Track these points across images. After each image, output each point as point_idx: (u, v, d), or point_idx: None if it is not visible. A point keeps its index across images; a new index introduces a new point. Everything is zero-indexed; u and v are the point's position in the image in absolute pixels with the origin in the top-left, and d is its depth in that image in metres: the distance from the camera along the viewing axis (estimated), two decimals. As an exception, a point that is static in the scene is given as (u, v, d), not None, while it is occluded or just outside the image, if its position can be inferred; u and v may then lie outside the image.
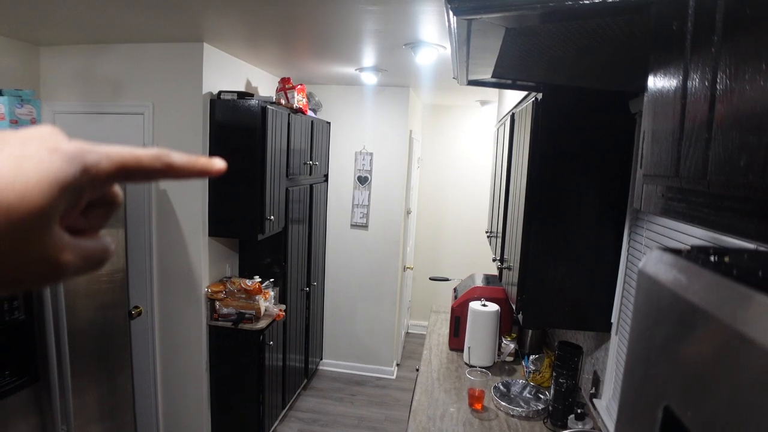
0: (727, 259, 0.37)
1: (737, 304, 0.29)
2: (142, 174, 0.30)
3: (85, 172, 0.27)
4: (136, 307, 3.00)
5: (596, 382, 2.11)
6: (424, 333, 3.23)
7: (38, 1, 2.20)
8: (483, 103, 5.05)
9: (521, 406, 2.17)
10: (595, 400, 2.07)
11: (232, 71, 3.32)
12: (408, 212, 4.84)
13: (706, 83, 0.51)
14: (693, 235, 1.34)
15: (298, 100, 3.57)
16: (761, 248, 0.46)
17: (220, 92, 3.04)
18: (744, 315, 0.28)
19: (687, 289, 0.34)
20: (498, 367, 2.64)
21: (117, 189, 0.32)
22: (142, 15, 2.39)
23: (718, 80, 0.49)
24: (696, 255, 0.38)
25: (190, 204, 3.03)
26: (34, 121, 2.36)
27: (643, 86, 0.74)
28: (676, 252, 0.40)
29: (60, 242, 0.27)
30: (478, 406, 2.15)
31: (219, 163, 0.32)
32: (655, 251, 0.43)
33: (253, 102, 2.99)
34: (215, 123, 3.02)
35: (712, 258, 0.37)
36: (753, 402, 0.26)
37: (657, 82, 0.68)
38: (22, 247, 0.25)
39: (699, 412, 0.32)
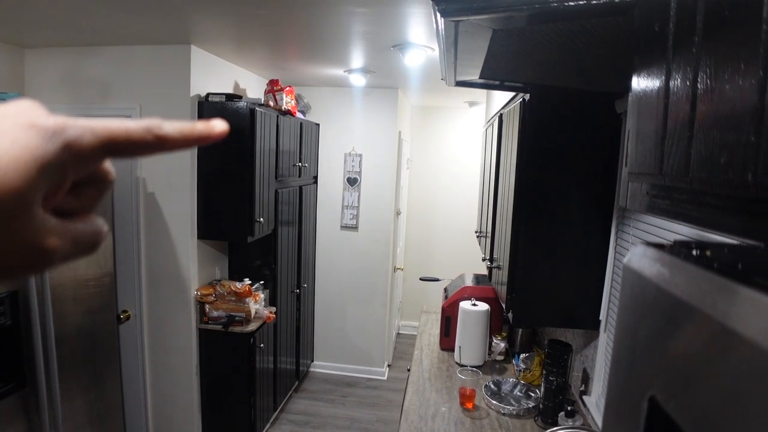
0: (708, 252, 0.39)
1: (718, 295, 0.30)
2: (132, 148, 0.27)
3: (67, 149, 0.25)
4: (125, 311, 2.98)
5: (586, 379, 2.13)
6: (415, 333, 3.24)
7: (23, 3, 2.18)
8: (471, 104, 5.08)
9: (512, 405, 2.19)
10: (584, 397, 2.09)
11: (220, 73, 3.30)
12: (398, 213, 4.85)
13: (688, 83, 0.53)
14: (678, 233, 1.36)
15: (287, 102, 3.56)
16: (741, 242, 0.47)
17: (208, 94, 3.03)
18: (725, 306, 0.29)
19: (670, 283, 0.35)
20: (489, 366, 2.66)
21: (108, 166, 0.30)
22: (129, 17, 2.38)
23: (699, 80, 0.50)
24: (678, 249, 0.39)
25: (179, 206, 3.01)
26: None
27: (628, 87, 0.75)
28: (659, 247, 0.41)
29: (43, 226, 0.25)
30: (470, 405, 2.16)
31: (219, 126, 0.30)
32: (639, 246, 0.44)
33: (242, 104, 2.98)
34: (203, 125, 2.99)
35: (694, 252, 0.39)
36: (734, 389, 0.27)
37: (641, 83, 0.69)
38: (1, 233, 0.23)
39: (683, 400, 0.33)
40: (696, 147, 0.50)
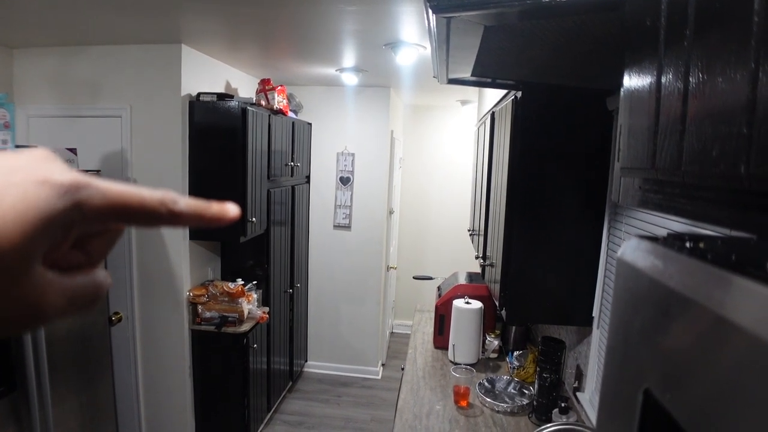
0: (701, 244, 0.39)
1: (713, 286, 0.30)
2: (143, 219, 0.27)
3: (76, 208, 0.24)
4: (116, 313, 2.95)
5: (579, 375, 2.14)
6: (409, 332, 3.24)
7: (11, 2, 2.15)
8: (463, 102, 5.09)
9: (506, 402, 2.19)
10: (578, 394, 2.10)
11: (211, 73, 3.29)
12: (391, 212, 4.85)
13: (680, 76, 0.53)
14: (670, 228, 1.37)
15: (279, 101, 3.55)
16: (734, 235, 0.48)
17: (199, 94, 3.01)
18: (719, 296, 0.29)
19: (664, 274, 0.35)
20: (482, 363, 2.66)
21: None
22: (118, 16, 2.36)
23: (691, 73, 0.50)
24: (672, 241, 0.39)
25: (171, 207, 2.98)
26: (7, 125, 2.31)
27: (620, 84, 0.75)
28: (653, 239, 0.41)
29: (42, 283, 0.24)
30: (464, 403, 2.17)
31: (233, 210, 0.30)
32: (632, 239, 0.44)
33: (233, 103, 2.96)
34: (195, 125, 2.98)
35: (687, 244, 0.38)
36: (730, 379, 0.27)
37: (632, 78, 0.69)
38: None
39: (678, 393, 0.33)
40: (688, 140, 0.50)
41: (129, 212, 0.26)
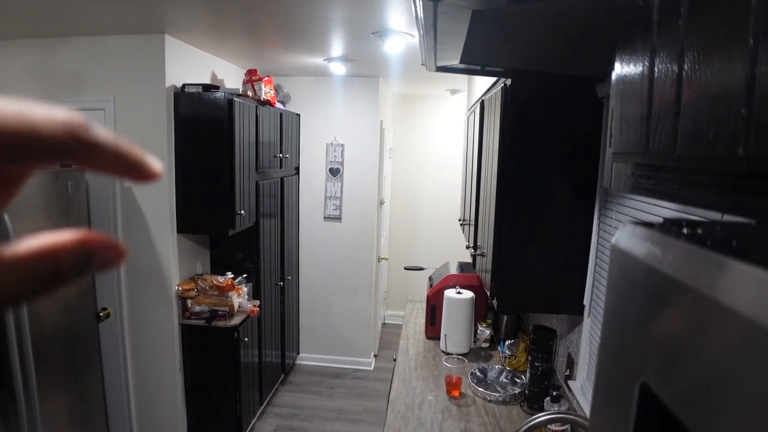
0: (699, 230, 0.37)
1: (714, 273, 0.28)
2: (41, 151, 0.20)
3: None
4: (104, 309, 2.91)
5: (570, 364, 2.14)
6: (401, 323, 3.23)
7: (-15, -9, 2.09)
8: (453, 92, 5.06)
9: (498, 391, 2.19)
10: (569, 382, 2.10)
11: (197, 64, 3.23)
12: (381, 203, 4.83)
13: (674, 57, 0.51)
14: (660, 215, 1.36)
15: (266, 92, 3.50)
16: (728, 220, 0.46)
17: (184, 85, 2.95)
18: (722, 284, 0.27)
19: (662, 261, 0.33)
20: (474, 353, 2.66)
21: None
22: (100, 6, 2.30)
23: (686, 53, 0.49)
24: (669, 227, 0.38)
25: (157, 200, 2.94)
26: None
27: (610, 70, 0.74)
28: (648, 225, 0.39)
29: None
30: (456, 393, 2.16)
31: (157, 164, 0.23)
32: (627, 226, 0.42)
33: (219, 95, 2.91)
34: (180, 117, 2.93)
35: (684, 230, 0.37)
36: (734, 371, 0.26)
37: (624, 60, 0.68)
38: None
39: (677, 386, 0.31)
40: (683, 123, 0.48)
41: (19, 143, 0.19)
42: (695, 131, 0.46)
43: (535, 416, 1.49)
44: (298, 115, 4.37)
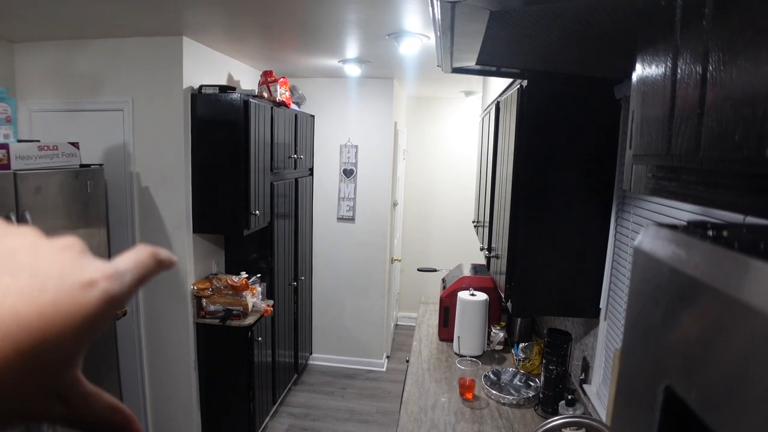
0: (725, 233, 0.36)
1: (742, 275, 0.28)
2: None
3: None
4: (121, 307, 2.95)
5: (586, 368, 2.12)
6: (414, 324, 3.23)
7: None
8: (467, 93, 5.05)
9: (512, 394, 2.18)
10: (585, 386, 2.08)
11: (213, 65, 3.26)
12: (394, 204, 4.83)
13: (698, 58, 0.50)
14: (678, 217, 1.34)
15: (281, 93, 3.52)
16: (752, 222, 0.45)
17: (201, 86, 2.99)
18: (749, 285, 0.27)
19: (687, 264, 0.33)
20: (488, 356, 2.65)
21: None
22: (119, 9, 2.33)
23: (711, 54, 0.48)
24: (694, 229, 0.37)
25: (173, 200, 2.97)
26: (9, 120, 2.29)
27: (629, 72, 0.73)
28: (672, 227, 0.39)
29: (86, 391, 0.26)
30: (469, 396, 2.16)
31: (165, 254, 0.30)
32: (651, 227, 0.42)
33: (235, 96, 2.94)
34: (197, 118, 2.97)
35: (710, 232, 0.36)
36: (759, 373, 0.25)
37: (645, 61, 0.67)
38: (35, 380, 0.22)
39: (702, 389, 0.31)
40: (707, 124, 0.48)
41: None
42: (720, 133, 0.46)
43: (549, 420, 1.48)
44: (313, 116, 4.39)
